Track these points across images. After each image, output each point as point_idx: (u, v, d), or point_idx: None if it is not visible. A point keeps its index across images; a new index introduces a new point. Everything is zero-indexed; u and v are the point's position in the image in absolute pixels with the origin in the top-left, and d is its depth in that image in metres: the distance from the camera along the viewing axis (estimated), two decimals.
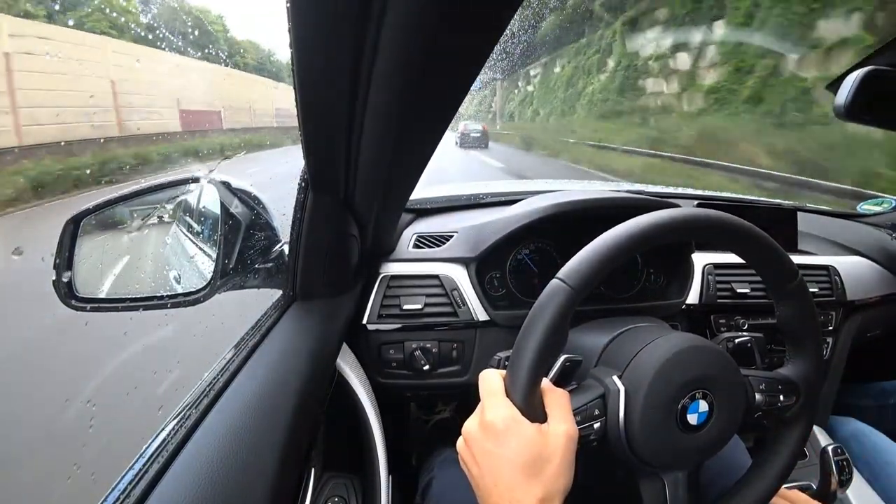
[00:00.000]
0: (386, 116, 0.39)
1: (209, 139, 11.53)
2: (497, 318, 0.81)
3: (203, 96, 13.90)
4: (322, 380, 0.59)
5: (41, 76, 7.21)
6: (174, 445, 0.42)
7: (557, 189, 1.03)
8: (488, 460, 0.40)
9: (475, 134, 15.33)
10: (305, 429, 0.52)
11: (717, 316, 0.95)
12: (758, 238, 0.47)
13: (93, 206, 0.60)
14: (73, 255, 0.58)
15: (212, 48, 21.08)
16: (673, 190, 1.43)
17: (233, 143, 11.96)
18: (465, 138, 15.07)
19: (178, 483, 0.39)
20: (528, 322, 0.42)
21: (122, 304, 0.61)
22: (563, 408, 0.42)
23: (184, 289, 0.65)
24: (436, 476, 0.73)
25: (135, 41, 10.36)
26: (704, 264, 0.94)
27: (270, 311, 0.68)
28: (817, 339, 0.52)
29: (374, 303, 0.80)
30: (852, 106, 0.82)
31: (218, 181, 0.65)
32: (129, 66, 8.86)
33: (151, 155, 7.34)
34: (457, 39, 0.30)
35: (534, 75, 20.92)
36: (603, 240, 0.43)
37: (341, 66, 0.33)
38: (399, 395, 0.91)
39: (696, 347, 0.46)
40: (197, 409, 0.47)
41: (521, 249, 0.87)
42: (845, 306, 1.04)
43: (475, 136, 15.30)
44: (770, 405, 0.50)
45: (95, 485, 0.53)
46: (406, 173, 0.55)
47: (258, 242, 0.69)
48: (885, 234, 1.18)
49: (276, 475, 0.43)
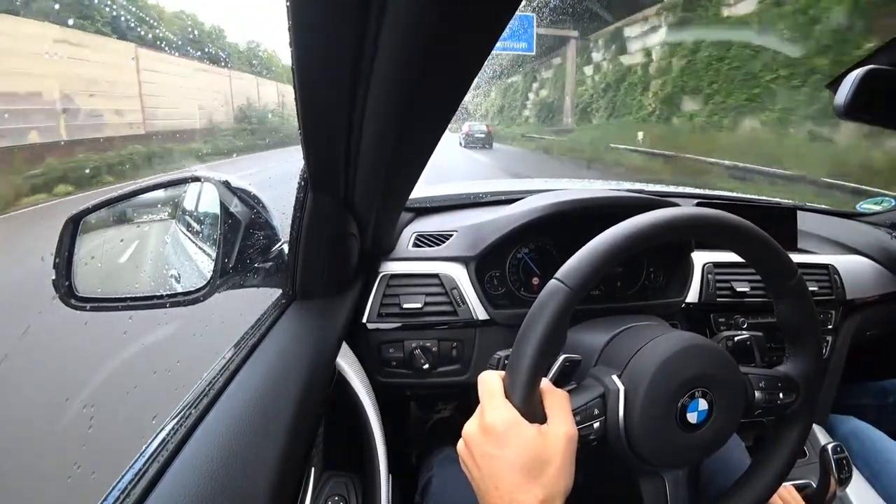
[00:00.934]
0: (386, 116, 0.39)
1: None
2: (497, 317, 0.81)
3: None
4: (322, 379, 0.59)
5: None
6: (174, 445, 0.42)
7: (557, 188, 1.03)
8: (489, 462, 0.40)
9: (479, 134, 15.19)
10: (305, 428, 0.52)
11: (716, 314, 0.95)
12: (757, 237, 0.47)
13: (92, 206, 0.60)
14: (73, 255, 0.58)
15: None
16: (672, 189, 1.43)
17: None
18: (469, 139, 14.94)
19: (179, 482, 0.39)
20: (527, 322, 0.42)
21: (122, 303, 0.61)
22: (562, 408, 0.42)
23: (183, 288, 0.65)
24: (435, 475, 0.73)
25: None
26: (704, 263, 0.94)
27: (270, 310, 0.68)
28: (817, 337, 0.52)
29: (374, 302, 0.80)
30: (852, 105, 0.82)
31: (217, 180, 0.65)
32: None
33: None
34: (457, 39, 0.30)
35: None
36: (602, 239, 0.43)
37: (341, 66, 0.33)
38: (399, 394, 0.91)
39: (695, 346, 0.46)
40: (197, 408, 0.47)
41: (521, 248, 0.87)
42: (845, 305, 1.04)
43: (479, 136, 15.16)
44: (769, 403, 0.50)
45: (95, 484, 0.53)
46: (406, 173, 0.55)
47: (258, 242, 0.69)
48: (885, 232, 1.18)
49: (277, 474, 0.43)
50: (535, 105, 20.19)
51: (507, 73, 19.92)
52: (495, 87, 21.29)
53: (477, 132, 15.18)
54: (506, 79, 21.06)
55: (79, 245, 0.59)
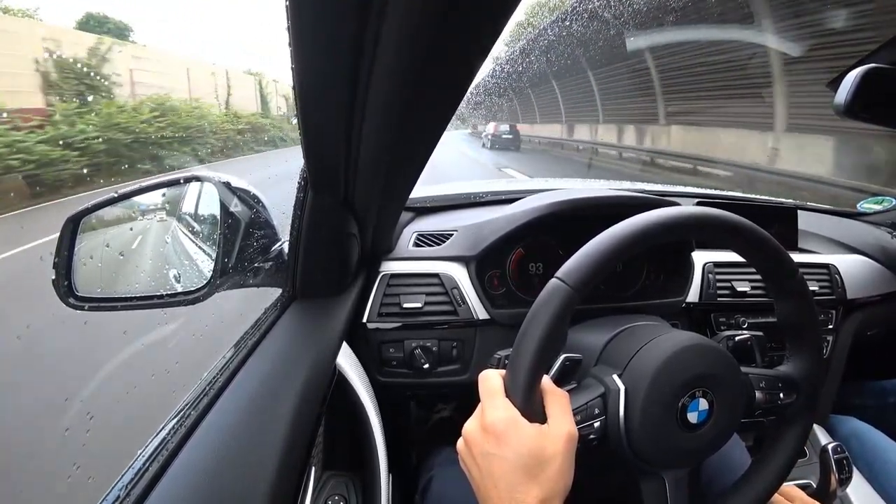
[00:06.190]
0: (386, 115, 0.39)
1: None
2: (497, 316, 0.81)
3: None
4: (322, 378, 0.59)
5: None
6: (174, 445, 0.42)
7: (557, 188, 1.02)
8: (489, 462, 0.40)
9: (507, 135, 14.49)
10: (305, 428, 0.52)
11: (717, 314, 0.95)
12: (758, 236, 0.47)
13: (92, 205, 0.60)
14: (73, 254, 0.58)
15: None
16: (673, 188, 1.43)
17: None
18: (497, 139, 14.26)
19: (178, 482, 0.39)
20: (527, 322, 0.42)
21: (122, 303, 0.61)
22: (562, 408, 0.42)
23: (183, 288, 0.65)
24: (436, 475, 0.73)
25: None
26: (704, 262, 0.94)
27: (270, 309, 0.68)
28: (817, 336, 0.52)
29: (374, 301, 0.80)
30: (852, 104, 0.82)
31: (218, 180, 0.65)
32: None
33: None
34: (457, 39, 0.30)
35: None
36: (602, 239, 0.43)
37: (341, 66, 0.33)
38: (399, 393, 0.91)
39: (696, 346, 0.46)
40: (196, 408, 0.47)
41: (521, 248, 0.87)
42: (845, 305, 1.04)
43: (506, 137, 14.47)
44: (770, 403, 0.50)
45: (95, 484, 0.53)
46: (406, 172, 0.55)
47: (258, 241, 0.69)
48: (886, 232, 1.18)
49: (277, 474, 0.43)
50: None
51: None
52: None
53: (504, 132, 14.55)
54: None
55: (78, 245, 0.59)
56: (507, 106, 17.94)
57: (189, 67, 15.50)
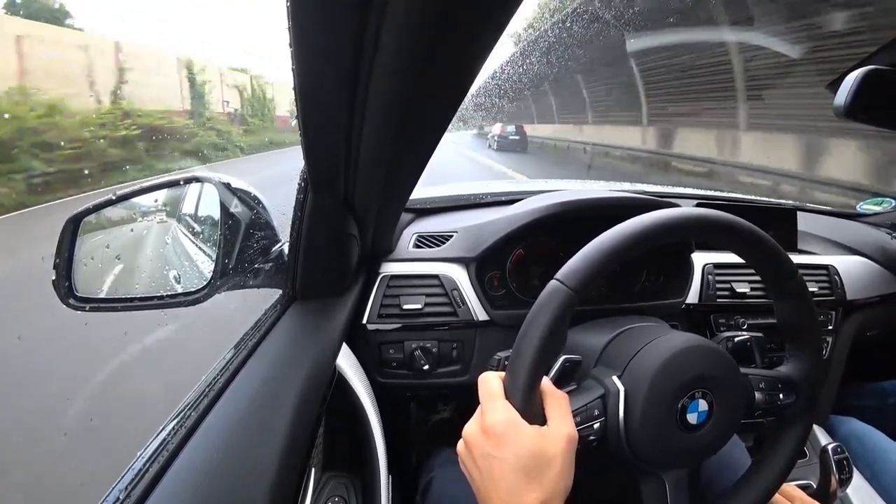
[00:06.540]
0: (386, 116, 0.39)
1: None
2: (497, 317, 0.81)
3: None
4: (322, 380, 0.59)
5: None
6: (174, 445, 0.42)
7: (557, 189, 1.03)
8: (489, 464, 0.40)
9: (513, 136, 14.40)
10: (305, 428, 0.52)
11: (716, 315, 0.95)
12: (757, 237, 0.47)
13: (92, 206, 0.59)
14: (73, 255, 0.58)
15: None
16: (672, 189, 1.43)
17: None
18: (503, 141, 14.09)
19: (179, 483, 0.39)
20: (527, 324, 0.42)
21: (122, 303, 0.61)
22: (562, 410, 0.42)
23: (183, 288, 0.65)
24: (436, 476, 0.73)
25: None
26: (704, 264, 0.94)
27: (270, 310, 0.68)
28: (817, 337, 0.52)
29: (374, 302, 0.80)
30: (852, 105, 0.82)
31: (218, 181, 0.65)
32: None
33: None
34: (457, 39, 0.30)
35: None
36: (602, 240, 0.43)
37: (341, 66, 0.33)
38: (399, 394, 0.91)
39: (695, 347, 0.46)
40: (197, 409, 0.47)
41: (521, 249, 0.87)
42: (845, 306, 1.04)
43: (513, 138, 14.38)
44: (770, 404, 0.50)
45: (95, 484, 0.53)
46: (406, 173, 0.55)
47: (258, 242, 0.69)
48: (885, 233, 1.18)
49: (276, 475, 0.43)
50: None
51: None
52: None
53: (510, 133, 14.42)
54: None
55: (79, 245, 0.59)
56: (535, 107, 17.16)
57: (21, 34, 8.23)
